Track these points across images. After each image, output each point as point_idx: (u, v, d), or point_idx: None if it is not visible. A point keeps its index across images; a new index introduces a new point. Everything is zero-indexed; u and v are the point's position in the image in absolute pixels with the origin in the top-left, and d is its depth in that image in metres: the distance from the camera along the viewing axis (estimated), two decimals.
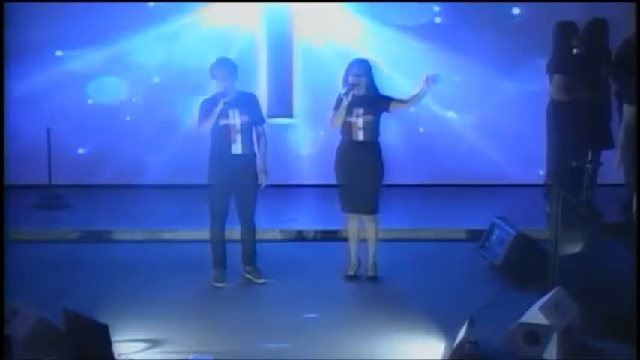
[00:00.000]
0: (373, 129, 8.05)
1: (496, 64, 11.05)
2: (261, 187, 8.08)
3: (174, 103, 10.88)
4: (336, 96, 8.10)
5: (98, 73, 11.11)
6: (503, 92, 11.18)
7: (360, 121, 8.00)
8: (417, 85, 8.00)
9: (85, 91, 11.20)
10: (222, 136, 7.95)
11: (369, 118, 8.00)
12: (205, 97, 8.04)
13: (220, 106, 7.82)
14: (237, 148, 7.96)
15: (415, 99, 8.08)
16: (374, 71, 8.11)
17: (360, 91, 7.99)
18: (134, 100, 11.26)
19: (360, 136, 8.04)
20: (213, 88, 7.98)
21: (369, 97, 8.02)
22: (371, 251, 8.24)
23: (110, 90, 11.19)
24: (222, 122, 7.92)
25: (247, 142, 7.99)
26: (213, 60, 8.08)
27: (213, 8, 11.03)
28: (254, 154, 8.07)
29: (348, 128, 8.04)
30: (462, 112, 11.27)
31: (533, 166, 10.05)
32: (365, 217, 8.20)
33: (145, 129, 11.15)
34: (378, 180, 8.13)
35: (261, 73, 11.21)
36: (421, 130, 11.25)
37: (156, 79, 11.19)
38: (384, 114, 8.10)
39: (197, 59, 10.53)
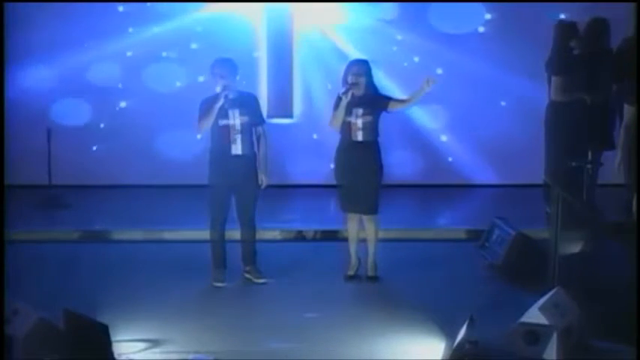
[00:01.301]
0: (372, 129, 8.04)
1: (497, 64, 11.05)
2: (262, 187, 8.09)
3: (174, 102, 10.87)
4: (336, 96, 8.09)
5: (98, 72, 11.10)
6: (503, 92, 11.18)
7: (360, 121, 7.99)
8: (416, 86, 8.01)
9: (85, 90, 11.21)
10: (222, 136, 7.94)
11: (369, 118, 7.99)
12: (206, 96, 8.03)
13: (221, 101, 7.81)
14: (237, 149, 7.96)
15: (414, 99, 8.07)
16: (373, 71, 8.10)
17: (359, 91, 7.98)
18: (134, 99, 11.26)
19: (360, 136, 8.03)
20: (215, 87, 7.97)
21: (368, 97, 8.01)
22: (371, 251, 8.23)
23: (110, 89, 11.20)
24: (222, 122, 7.91)
25: (247, 143, 7.98)
26: (215, 59, 8.09)
27: (213, 8, 11.04)
28: (254, 155, 8.07)
29: (347, 128, 8.04)
30: (463, 112, 11.26)
31: (533, 167, 10.04)
32: (364, 217, 8.20)
33: (146, 128, 11.15)
34: (377, 180, 8.13)
35: (261, 73, 11.22)
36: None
37: (156, 79, 11.18)
38: (384, 114, 8.10)
39: (196, 59, 10.58)
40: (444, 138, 11.33)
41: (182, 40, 11.10)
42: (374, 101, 8.03)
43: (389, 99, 8.09)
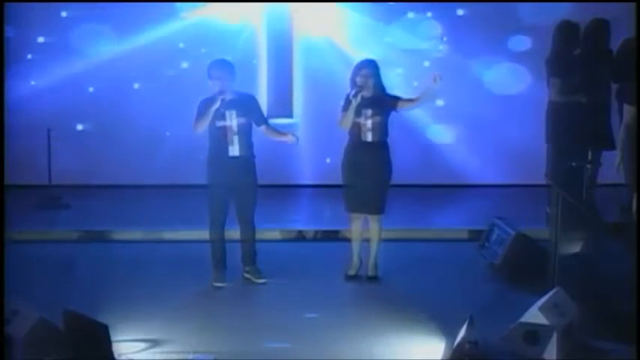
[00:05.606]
0: (382, 129, 8.04)
1: (499, 65, 11.05)
2: (296, 140, 8.13)
3: (174, 102, 10.87)
4: (335, 96, 8.09)
5: (98, 73, 11.10)
6: (504, 92, 11.17)
7: (369, 122, 7.98)
8: (423, 84, 8.00)
9: (85, 90, 11.21)
10: (219, 137, 7.93)
11: (378, 118, 7.99)
12: (204, 97, 8.02)
13: (217, 104, 7.80)
14: (234, 150, 7.95)
15: (423, 97, 8.07)
16: (381, 71, 8.09)
17: (367, 92, 7.97)
18: (134, 100, 11.26)
19: (369, 137, 8.03)
20: (213, 88, 7.96)
21: (376, 97, 8.01)
22: (373, 251, 8.23)
23: (109, 90, 11.20)
24: (219, 124, 7.90)
25: (245, 144, 7.97)
26: (211, 61, 8.08)
27: (213, 8, 11.04)
28: (252, 156, 8.06)
29: (356, 129, 8.03)
30: (463, 113, 11.26)
31: (533, 167, 10.05)
32: (369, 217, 8.20)
33: (146, 128, 11.15)
34: (386, 180, 8.13)
35: (261, 73, 11.23)
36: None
37: (156, 80, 11.19)
38: (393, 113, 8.10)
39: (197, 59, 10.57)
40: (444, 138, 11.33)
41: (183, 42, 11.11)
42: (382, 101, 8.02)
43: (397, 99, 8.08)
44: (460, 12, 11.24)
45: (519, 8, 10.97)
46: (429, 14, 11.22)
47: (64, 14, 11.08)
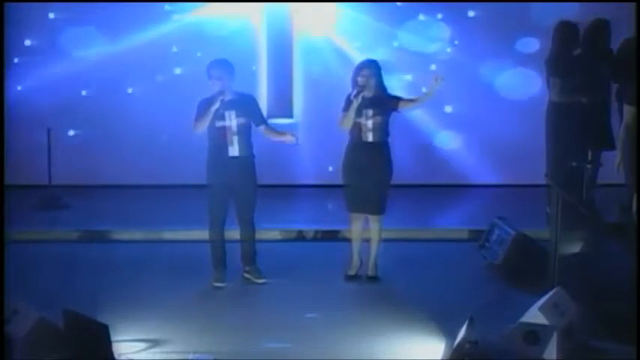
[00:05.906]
0: (382, 129, 8.04)
1: (497, 64, 11.05)
2: (296, 141, 8.12)
3: (174, 102, 10.86)
4: (335, 96, 8.08)
5: (98, 73, 11.10)
6: (504, 93, 11.17)
7: (370, 122, 7.98)
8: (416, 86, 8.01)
9: (85, 90, 11.21)
10: (219, 138, 7.93)
11: (379, 118, 7.99)
12: (204, 97, 8.02)
13: (217, 104, 7.80)
14: (234, 150, 7.95)
15: (424, 98, 8.09)
16: (382, 71, 8.09)
17: (369, 92, 7.98)
18: (135, 99, 11.25)
19: (370, 137, 8.03)
20: (212, 88, 7.96)
21: (377, 97, 8.01)
22: (373, 251, 8.23)
23: (110, 89, 11.20)
24: (219, 124, 7.90)
25: (244, 144, 7.97)
26: (211, 61, 8.07)
27: (213, 8, 11.03)
28: (252, 156, 8.06)
29: (357, 129, 8.03)
30: (463, 113, 11.27)
31: (533, 167, 10.05)
32: (370, 217, 8.20)
33: (146, 128, 11.14)
34: (386, 180, 8.14)
35: (261, 73, 11.22)
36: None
37: (157, 79, 11.19)
38: (394, 114, 8.10)
39: (196, 59, 10.57)
40: (444, 138, 11.33)
41: (183, 42, 11.11)
42: (384, 102, 8.02)
43: (399, 99, 8.09)
44: (471, 13, 11.22)
45: (527, 10, 10.94)
46: (440, 15, 11.21)
47: (60, 16, 11.08)
